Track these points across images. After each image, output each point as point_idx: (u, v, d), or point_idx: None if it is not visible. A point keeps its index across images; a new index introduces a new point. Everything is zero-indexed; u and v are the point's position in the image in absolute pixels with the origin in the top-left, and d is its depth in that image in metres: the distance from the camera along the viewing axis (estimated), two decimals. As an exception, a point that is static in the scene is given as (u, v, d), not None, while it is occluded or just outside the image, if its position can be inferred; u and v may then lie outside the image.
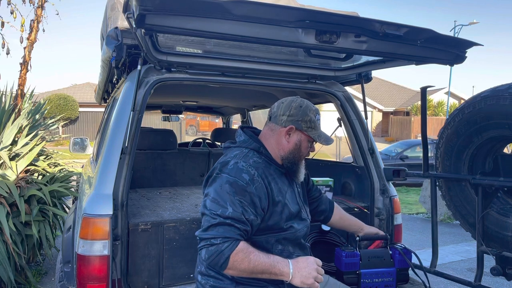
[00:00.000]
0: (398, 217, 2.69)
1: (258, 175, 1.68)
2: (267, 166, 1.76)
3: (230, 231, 1.56)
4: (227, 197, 1.61)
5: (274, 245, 1.74)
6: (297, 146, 1.79)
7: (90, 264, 1.90)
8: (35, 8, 4.61)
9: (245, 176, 1.65)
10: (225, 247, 1.54)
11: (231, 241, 1.55)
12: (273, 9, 1.58)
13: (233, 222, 1.57)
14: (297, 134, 1.79)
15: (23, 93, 4.65)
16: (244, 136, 1.84)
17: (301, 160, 1.84)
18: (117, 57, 2.16)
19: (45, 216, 3.83)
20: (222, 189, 1.63)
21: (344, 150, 14.80)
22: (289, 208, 1.77)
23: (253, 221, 1.63)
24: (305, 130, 1.78)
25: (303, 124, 1.77)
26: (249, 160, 1.72)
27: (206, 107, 5.69)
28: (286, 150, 1.79)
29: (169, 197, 2.91)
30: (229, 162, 1.71)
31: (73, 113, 24.77)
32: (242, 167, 1.67)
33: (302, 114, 1.77)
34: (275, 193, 1.72)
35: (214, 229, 1.57)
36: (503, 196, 2.03)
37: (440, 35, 1.83)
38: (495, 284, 4.22)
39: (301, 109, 1.78)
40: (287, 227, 1.76)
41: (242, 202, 1.61)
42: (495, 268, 1.95)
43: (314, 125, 1.78)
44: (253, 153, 1.77)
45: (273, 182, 1.73)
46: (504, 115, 1.85)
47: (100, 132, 3.63)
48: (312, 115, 1.78)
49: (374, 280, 2.14)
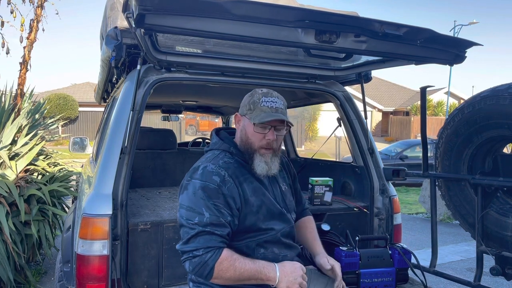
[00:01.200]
0: (398, 217, 2.69)
1: (228, 175, 1.64)
2: (239, 167, 1.71)
3: (211, 240, 1.54)
4: (201, 202, 1.57)
5: (255, 249, 1.69)
6: (243, 132, 1.72)
7: (90, 264, 1.90)
8: (34, 8, 4.61)
9: (216, 178, 1.61)
10: (208, 258, 1.52)
11: (213, 250, 1.53)
12: (272, 9, 1.58)
13: (212, 229, 1.55)
14: (242, 120, 1.73)
15: (22, 93, 4.66)
16: (216, 138, 1.81)
17: (254, 150, 1.68)
18: (116, 56, 2.16)
19: (45, 215, 3.83)
20: (195, 196, 1.59)
21: (343, 150, 14.80)
22: (267, 208, 1.71)
23: (231, 222, 1.61)
24: (245, 113, 1.70)
25: (244, 109, 1.72)
26: (218, 161, 1.68)
27: (206, 107, 5.69)
28: (238, 139, 1.76)
29: (169, 197, 2.91)
30: (199, 167, 1.67)
31: (72, 112, 24.75)
32: (212, 170, 1.63)
33: (246, 100, 1.72)
34: (247, 193, 1.67)
35: (195, 240, 1.54)
36: (502, 196, 2.03)
37: (439, 35, 1.83)
38: (494, 284, 4.22)
39: (248, 97, 1.72)
40: (267, 228, 1.70)
41: (217, 205, 1.58)
42: (495, 268, 1.96)
43: (254, 107, 1.67)
44: (224, 154, 1.73)
45: (245, 182, 1.69)
46: (504, 115, 1.86)
47: (100, 132, 3.63)
48: (257, 97, 1.68)
49: (374, 280, 2.14)
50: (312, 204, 2.65)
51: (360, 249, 2.21)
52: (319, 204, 2.66)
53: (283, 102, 1.73)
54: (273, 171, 1.71)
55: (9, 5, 4.64)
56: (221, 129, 1.89)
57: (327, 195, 2.68)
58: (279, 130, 1.70)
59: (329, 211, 2.64)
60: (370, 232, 2.69)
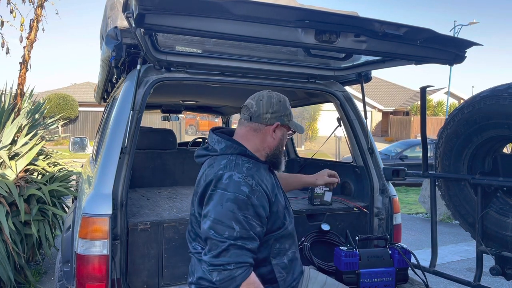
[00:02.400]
0: (398, 217, 2.69)
1: (256, 184, 1.62)
2: (257, 168, 1.71)
3: (242, 255, 1.53)
4: (230, 215, 1.54)
5: (272, 244, 1.72)
6: (281, 140, 1.81)
7: (90, 264, 1.90)
8: (34, 8, 4.61)
9: (244, 189, 1.58)
10: (238, 274, 1.52)
11: (244, 268, 1.53)
12: (272, 8, 1.58)
13: (243, 242, 1.54)
14: (281, 129, 1.80)
15: (22, 93, 4.66)
16: (225, 142, 1.74)
17: (283, 152, 1.86)
18: (116, 56, 2.16)
19: (45, 215, 3.83)
20: (223, 208, 1.55)
21: (343, 150, 14.80)
22: (281, 203, 1.76)
23: (260, 232, 1.61)
24: (287, 123, 1.81)
25: (285, 118, 1.80)
26: (241, 168, 1.64)
27: (206, 107, 5.69)
28: (272, 147, 1.79)
29: (169, 197, 2.91)
30: (223, 175, 1.61)
31: (72, 112, 24.75)
32: (239, 179, 1.59)
33: (283, 109, 1.79)
34: (270, 194, 1.69)
35: (227, 254, 1.52)
36: (502, 196, 2.03)
37: (439, 35, 1.83)
38: (494, 284, 4.22)
39: (281, 104, 1.79)
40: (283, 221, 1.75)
41: (247, 217, 1.56)
42: (495, 268, 1.96)
43: (292, 116, 1.84)
44: (241, 159, 1.69)
45: (267, 183, 1.70)
46: (504, 115, 1.86)
47: (100, 132, 3.63)
48: (289, 107, 1.83)
49: (374, 279, 2.14)
50: (312, 204, 2.65)
51: (360, 249, 2.21)
52: (319, 204, 2.66)
53: None
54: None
55: (9, 4, 4.64)
56: (216, 128, 1.86)
57: (327, 195, 2.68)
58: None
59: (329, 211, 2.63)
60: (370, 232, 2.69)
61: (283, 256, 1.76)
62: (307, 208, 2.61)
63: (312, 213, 2.59)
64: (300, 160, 3.94)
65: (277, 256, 1.73)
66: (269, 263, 1.72)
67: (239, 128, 1.82)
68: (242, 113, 1.83)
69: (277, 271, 1.72)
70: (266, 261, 1.71)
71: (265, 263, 1.71)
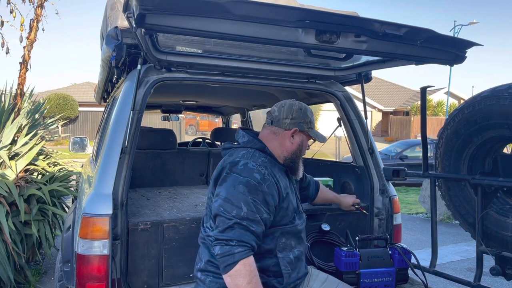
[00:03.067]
0: (398, 217, 2.69)
1: (268, 174, 1.74)
2: (273, 165, 1.83)
3: (245, 235, 1.61)
4: (240, 197, 1.65)
5: (279, 238, 1.79)
6: (300, 146, 1.89)
7: (90, 264, 1.90)
8: (34, 8, 4.61)
9: (257, 176, 1.70)
10: (238, 251, 1.58)
11: (245, 247, 1.60)
12: (273, 9, 1.58)
13: (248, 223, 1.62)
14: (300, 135, 1.88)
15: (22, 93, 4.66)
16: (248, 136, 1.89)
17: (301, 158, 1.95)
18: (117, 56, 2.16)
19: (45, 215, 3.83)
20: (235, 189, 1.67)
21: (343, 150, 14.80)
22: (292, 204, 1.84)
23: (267, 219, 1.69)
24: (307, 130, 1.89)
25: (304, 126, 1.88)
26: (257, 159, 1.78)
27: (206, 107, 5.69)
28: (290, 151, 1.88)
29: (169, 197, 2.91)
30: (239, 162, 1.75)
31: (72, 112, 24.75)
32: (253, 167, 1.72)
33: (303, 116, 1.88)
34: (282, 190, 1.79)
35: (231, 231, 1.61)
36: (502, 196, 2.03)
37: (439, 35, 1.83)
38: (494, 284, 4.22)
39: (301, 112, 1.89)
40: (291, 221, 1.83)
41: (256, 201, 1.66)
42: (495, 268, 1.96)
43: (313, 125, 1.92)
44: (259, 153, 1.83)
45: (280, 180, 1.80)
46: (504, 115, 1.86)
47: (100, 132, 3.63)
48: (310, 116, 1.91)
49: (374, 280, 2.14)
50: (312, 204, 2.65)
51: (360, 249, 2.21)
52: (319, 204, 2.66)
53: None
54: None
55: (9, 4, 4.64)
56: (245, 128, 1.98)
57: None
58: None
59: (329, 211, 2.64)
60: (370, 232, 2.69)
61: (289, 252, 1.81)
62: (307, 208, 2.61)
63: (312, 213, 2.59)
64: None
65: (283, 250, 1.80)
66: (275, 256, 1.77)
67: (262, 131, 1.96)
68: (266, 118, 1.97)
69: (283, 264, 1.78)
70: (272, 253, 1.77)
71: (270, 255, 1.77)
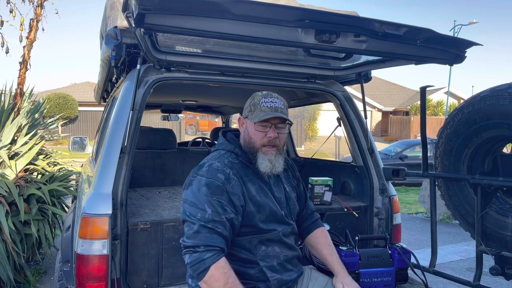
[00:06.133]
0: (397, 217, 2.69)
1: (233, 174, 1.69)
2: (244, 168, 1.76)
3: (212, 238, 1.56)
4: (204, 198, 1.61)
5: (257, 246, 1.72)
6: (246, 133, 1.78)
7: (89, 264, 1.90)
8: (34, 7, 4.60)
9: (221, 176, 1.65)
10: (207, 257, 1.54)
11: (214, 251, 1.55)
12: (272, 8, 1.58)
13: (214, 225, 1.57)
14: (245, 122, 1.79)
15: (22, 92, 4.65)
16: (222, 139, 1.86)
17: (257, 149, 1.73)
18: (116, 56, 2.16)
19: (45, 215, 3.83)
20: (199, 192, 1.63)
21: (343, 150, 14.81)
22: (270, 209, 1.74)
23: (234, 219, 1.63)
24: (247, 115, 1.77)
25: (246, 111, 1.79)
26: (223, 160, 1.74)
27: (206, 107, 5.69)
28: (242, 141, 1.81)
29: (169, 197, 2.91)
30: (204, 164, 1.73)
31: (72, 112, 24.73)
32: (217, 167, 1.68)
33: (248, 103, 1.79)
34: (251, 192, 1.72)
35: (197, 236, 1.57)
36: (502, 196, 2.03)
37: (439, 35, 1.83)
38: (494, 283, 4.22)
39: (249, 100, 1.79)
40: (269, 228, 1.74)
41: (221, 202, 1.61)
42: (494, 268, 1.96)
43: (254, 108, 1.73)
44: (229, 154, 1.79)
45: (249, 182, 1.73)
46: (504, 115, 1.86)
47: (100, 131, 3.62)
48: (257, 99, 1.74)
49: (373, 279, 2.14)
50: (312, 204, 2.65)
51: (359, 248, 2.21)
52: (319, 204, 2.66)
53: (283, 102, 1.79)
54: (277, 169, 1.75)
55: (9, 4, 4.64)
56: (228, 130, 1.94)
57: (326, 195, 2.68)
58: (280, 128, 1.75)
59: (329, 211, 2.64)
60: (370, 232, 2.69)
61: (273, 258, 1.74)
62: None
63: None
64: (300, 160, 3.94)
65: (265, 258, 1.73)
66: (257, 265, 1.71)
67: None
68: None
69: (268, 271, 1.71)
70: (253, 263, 1.71)
71: (252, 265, 1.71)
